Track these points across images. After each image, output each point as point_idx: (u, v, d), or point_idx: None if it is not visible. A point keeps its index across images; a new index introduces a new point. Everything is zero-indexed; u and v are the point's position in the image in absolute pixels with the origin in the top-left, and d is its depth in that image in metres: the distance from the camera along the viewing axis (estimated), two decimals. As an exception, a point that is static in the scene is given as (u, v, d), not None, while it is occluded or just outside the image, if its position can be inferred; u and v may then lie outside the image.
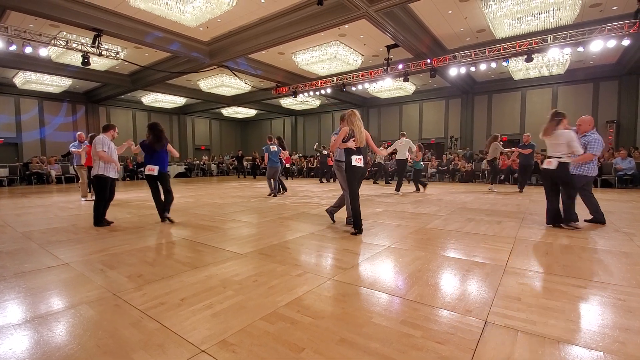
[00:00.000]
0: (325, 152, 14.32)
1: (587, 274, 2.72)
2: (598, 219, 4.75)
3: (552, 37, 9.56)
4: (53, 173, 14.69)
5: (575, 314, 2.03)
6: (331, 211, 5.02)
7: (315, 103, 21.73)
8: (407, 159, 9.34)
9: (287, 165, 15.58)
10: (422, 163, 9.76)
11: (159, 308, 2.14)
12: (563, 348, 1.66)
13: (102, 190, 4.91)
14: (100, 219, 4.89)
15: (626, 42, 9.22)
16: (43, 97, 17.70)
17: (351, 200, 4.22)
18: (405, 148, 9.24)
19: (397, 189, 9.27)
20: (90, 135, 7.94)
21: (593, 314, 2.04)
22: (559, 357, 1.59)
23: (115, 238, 4.13)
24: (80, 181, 8.28)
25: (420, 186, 9.66)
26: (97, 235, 4.34)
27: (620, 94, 14.28)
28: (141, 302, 2.24)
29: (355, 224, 4.19)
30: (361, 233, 4.17)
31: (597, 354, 1.61)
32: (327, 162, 14.48)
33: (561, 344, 1.70)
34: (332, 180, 14.68)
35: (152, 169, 5.03)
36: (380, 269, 2.93)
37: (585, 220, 4.78)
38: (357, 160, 4.19)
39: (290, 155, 17.28)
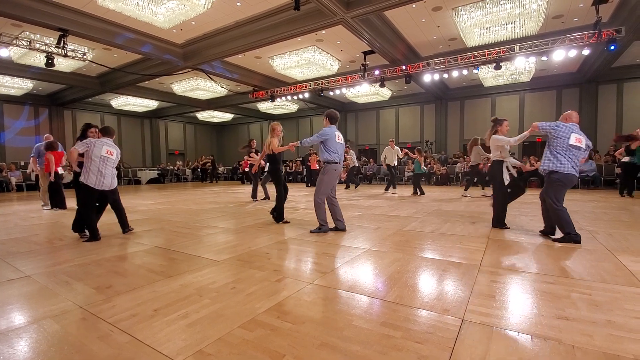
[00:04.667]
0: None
1: (556, 271, 2.84)
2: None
3: (518, 46, 10.06)
4: (13, 180, 13.81)
5: (546, 309, 2.11)
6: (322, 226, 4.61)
7: (293, 108, 21.72)
8: (395, 164, 10.42)
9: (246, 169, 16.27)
10: (423, 167, 10.18)
11: (130, 320, 2.04)
12: (535, 342, 1.72)
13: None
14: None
15: (586, 52, 9.86)
16: (3, 100, 16.66)
17: (322, 205, 4.54)
18: (394, 154, 10.28)
19: (387, 189, 10.49)
20: (47, 142, 7.51)
21: (562, 309, 2.12)
22: (532, 351, 1.64)
23: (81, 248, 3.92)
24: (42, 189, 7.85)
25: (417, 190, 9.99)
26: (61, 245, 4.10)
27: (581, 100, 15.21)
28: (110, 314, 2.13)
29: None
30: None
31: (567, 346, 1.68)
32: (310, 166, 14.32)
33: (534, 338, 1.76)
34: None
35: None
36: (360, 271, 2.94)
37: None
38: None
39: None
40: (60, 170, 7.55)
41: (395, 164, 10.48)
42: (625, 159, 8.53)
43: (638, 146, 8.29)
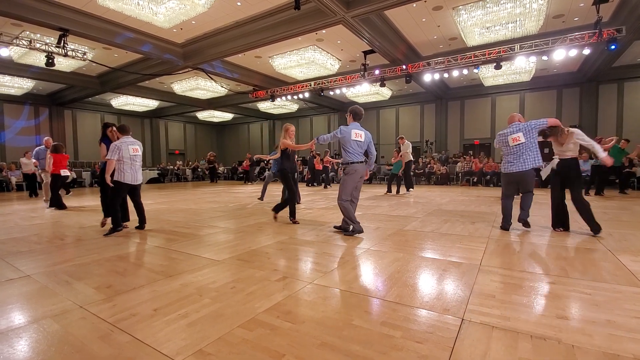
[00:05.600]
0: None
1: (555, 270, 2.84)
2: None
3: (518, 46, 10.05)
4: (13, 180, 13.81)
5: (546, 308, 2.11)
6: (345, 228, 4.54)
7: (293, 107, 21.71)
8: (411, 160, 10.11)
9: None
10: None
11: (130, 320, 2.04)
12: (535, 342, 1.72)
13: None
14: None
15: (587, 52, 9.85)
16: (3, 99, 16.68)
17: (347, 206, 4.36)
18: (408, 149, 9.99)
19: (408, 189, 10.14)
20: (53, 144, 7.68)
21: (562, 308, 2.12)
22: (532, 350, 1.64)
23: (81, 247, 3.92)
24: (44, 183, 8.04)
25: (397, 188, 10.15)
26: (61, 245, 4.10)
27: (581, 100, 15.20)
28: (111, 314, 2.13)
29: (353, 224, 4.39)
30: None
31: (567, 346, 1.68)
32: (314, 166, 14.33)
33: (533, 337, 1.76)
34: (324, 186, 13.45)
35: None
36: (360, 271, 2.94)
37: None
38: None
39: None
40: (65, 172, 7.64)
41: (412, 159, 10.07)
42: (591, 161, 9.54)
43: (611, 148, 8.76)
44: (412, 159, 10.13)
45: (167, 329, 1.91)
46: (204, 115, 23.54)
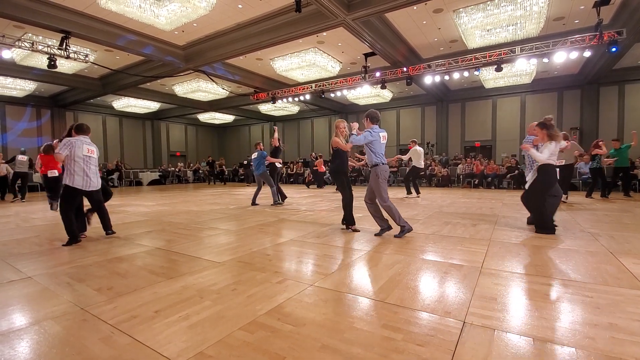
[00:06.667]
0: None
1: (557, 273, 2.83)
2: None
3: (519, 48, 10.06)
4: (15, 181, 13.81)
5: (548, 311, 2.10)
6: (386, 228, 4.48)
7: (294, 109, 21.74)
8: (422, 166, 9.67)
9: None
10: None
11: (131, 322, 2.04)
12: (537, 345, 1.71)
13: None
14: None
15: (587, 54, 9.85)
16: (5, 101, 16.74)
17: (391, 205, 4.31)
18: (419, 156, 9.43)
19: (417, 193, 9.76)
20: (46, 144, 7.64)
21: (564, 311, 2.11)
22: (534, 354, 1.64)
23: (83, 249, 3.92)
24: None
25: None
26: (63, 246, 4.10)
27: (582, 102, 15.19)
28: (111, 315, 2.13)
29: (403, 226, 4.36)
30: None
31: (569, 349, 1.67)
32: (317, 169, 14.40)
33: (535, 341, 1.75)
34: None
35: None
36: (361, 273, 2.94)
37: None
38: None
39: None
40: (52, 173, 7.44)
41: (421, 166, 9.56)
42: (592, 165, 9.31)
43: (617, 148, 8.86)
44: (418, 166, 9.40)
45: (167, 331, 1.91)
46: (205, 117, 23.58)
